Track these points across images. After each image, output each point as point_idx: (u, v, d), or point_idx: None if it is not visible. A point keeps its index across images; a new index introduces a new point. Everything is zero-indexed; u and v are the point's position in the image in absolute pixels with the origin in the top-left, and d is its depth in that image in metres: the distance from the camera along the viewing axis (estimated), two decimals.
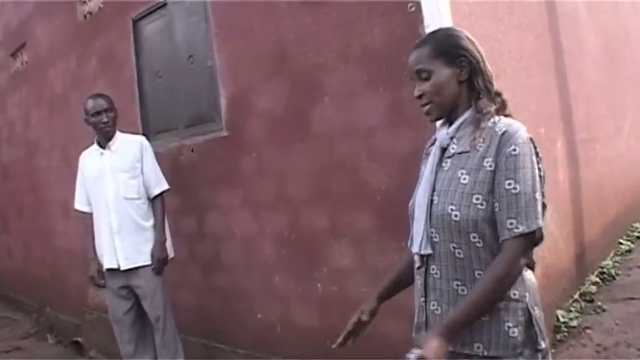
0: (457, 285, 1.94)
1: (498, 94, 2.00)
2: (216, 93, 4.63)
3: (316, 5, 3.87)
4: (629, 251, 6.46)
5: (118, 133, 4.51)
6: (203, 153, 4.83)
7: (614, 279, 5.52)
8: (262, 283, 4.45)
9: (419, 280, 2.06)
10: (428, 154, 2.14)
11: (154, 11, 5.24)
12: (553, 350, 4.03)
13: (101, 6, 5.93)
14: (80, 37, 6.31)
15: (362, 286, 3.75)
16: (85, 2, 6.24)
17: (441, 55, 1.97)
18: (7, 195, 8.73)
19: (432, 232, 1.97)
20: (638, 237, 7.02)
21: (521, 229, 1.81)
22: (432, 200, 1.98)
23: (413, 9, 3.35)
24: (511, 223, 1.82)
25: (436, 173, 2.01)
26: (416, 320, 2.10)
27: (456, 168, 1.95)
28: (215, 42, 4.60)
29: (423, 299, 2.05)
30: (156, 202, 4.54)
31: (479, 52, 2.00)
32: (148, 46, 5.41)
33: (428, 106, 2.01)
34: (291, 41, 4.05)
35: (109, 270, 4.45)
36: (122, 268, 4.40)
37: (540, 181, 1.89)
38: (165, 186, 4.57)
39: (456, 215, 1.89)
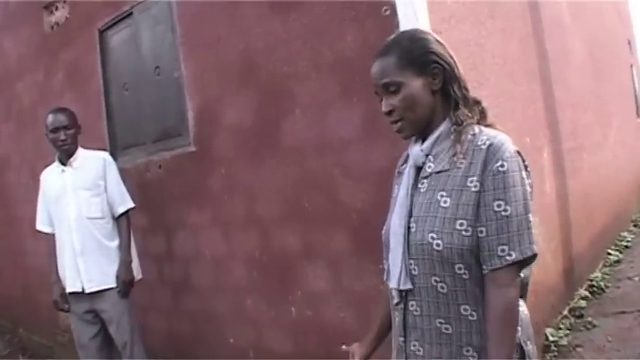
0: (440, 323, 1.70)
1: (477, 102, 1.77)
2: (184, 106, 4.41)
3: (285, 11, 3.66)
4: (618, 262, 6.31)
5: (80, 150, 4.27)
6: (171, 169, 4.60)
7: (604, 292, 5.37)
8: (234, 307, 4.22)
9: (397, 318, 1.82)
10: (401, 174, 1.91)
11: (119, 21, 5.01)
12: None
13: (67, 16, 5.70)
14: (47, 49, 6.08)
15: (338, 310, 3.54)
16: (52, 12, 6.00)
17: (409, 63, 1.73)
18: None
19: (411, 264, 1.73)
20: (626, 246, 6.89)
21: (514, 256, 1.59)
22: (409, 228, 1.74)
23: (388, 12, 3.12)
24: (502, 250, 1.59)
25: (412, 196, 1.77)
26: None
27: (434, 190, 1.71)
28: (182, 52, 4.38)
29: (402, 339, 1.81)
30: (121, 220, 4.28)
31: (451, 56, 1.77)
32: (114, 57, 5.18)
33: (400, 123, 1.77)
34: (260, 50, 3.83)
35: (72, 294, 4.22)
36: (86, 291, 4.16)
37: (531, 199, 1.67)
38: (131, 204, 4.32)
39: (437, 244, 1.65)
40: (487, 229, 1.61)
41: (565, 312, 4.64)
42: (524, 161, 1.69)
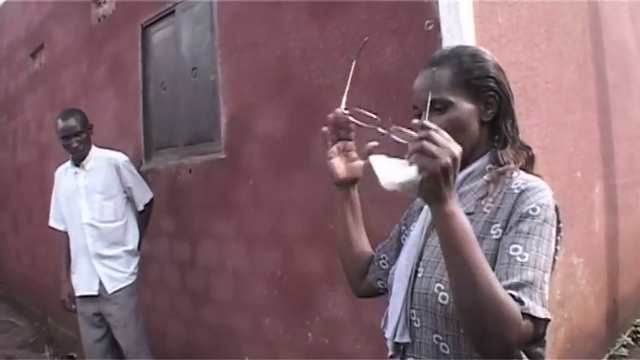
0: None
1: (527, 147, 1.51)
2: (217, 111, 4.26)
3: (325, 18, 3.46)
4: None
5: (93, 149, 4.20)
6: (200, 175, 4.45)
7: None
8: (251, 324, 4.05)
9: None
10: (421, 209, 1.63)
11: (162, 18, 4.90)
12: None
13: (114, 9, 5.63)
14: (92, 41, 6.04)
15: (355, 342, 3.33)
16: (99, 5, 5.95)
17: (465, 84, 1.47)
18: (19, 197, 8.55)
19: (413, 315, 1.47)
20: None
21: (526, 303, 1.26)
22: (416, 272, 1.48)
23: (431, 26, 2.88)
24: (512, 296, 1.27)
25: (426, 237, 1.52)
26: None
27: None
28: (219, 54, 4.23)
29: None
30: (143, 215, 4.32)
31: (509, 89, 1.51)
32: (155, 54, 5.07)
33: None
34: (296, 58, 3.64)
35: (81, 296, 4.14)
36: (96, 294, 4.09)
37: (552, 265, 1.37)
38: (150, 195, 4.31)
39: (443, 297, 1.37)
40: (497, 273, 1.30)
41: (605, 359, 4.33)
42: (559, 221, 1.40)
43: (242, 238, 4.09)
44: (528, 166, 1.51)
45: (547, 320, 1.32)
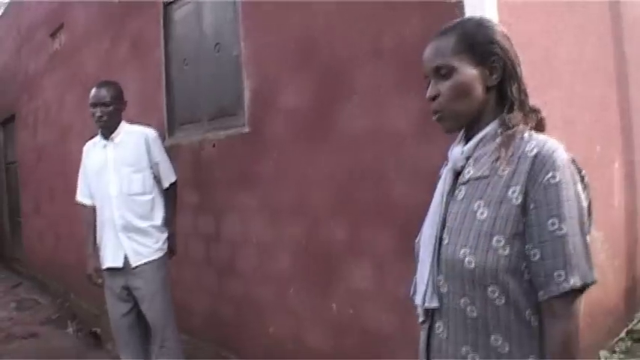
0: (467, 351, 1.51)
1: (535, 110, 1.57)
2: (241, 85, 4.31)
3: None
4: None
5: (123, 124, 4.23)
6: (224, 149, 4.51)
7: None
8: (276, 295, 4.11)
9: (421, 338, 1.65)
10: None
11: None
12: None
13: None
14: (114, 20, 6.09)
15: (379, 312, 3.38)
16: None
17: (468, 49, 1.53)
18: (41, 177, 8.65)
19: (440, 281, 1.55)
20: None
21: (573, 282, 1.37)
22: (440, 239, 1.56)
23: None
24: (559, 275, 1.38)
25: (447, 204, 1.58)
26: None
27: (471, 198, 1.51)
28: (242, 29, 4.27)
29: None
30: (169, 193, 4.31)
31: (515, 55, 1.56)
32: (177, 31, 5.12)
33: (442, 113, 1.56)
34: (320, 30, 3.67)
35: (108, 269, 4.20)
36: (124, 266, 4.15)
37: (588, 215, 1.46)
38: (174, 177, 4.32)
39: (469, 262, 1.45)
40: (542, 251, 1.40)
41: (622, 334, 4.36)
42: (579, 171, 1.47)
43: (266, 211, 4.15)
44: (539, 128, 1.56)
45: (594, 281, 1.42)
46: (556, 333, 1.41)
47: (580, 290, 1.41)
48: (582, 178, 1.47)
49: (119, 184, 4.16)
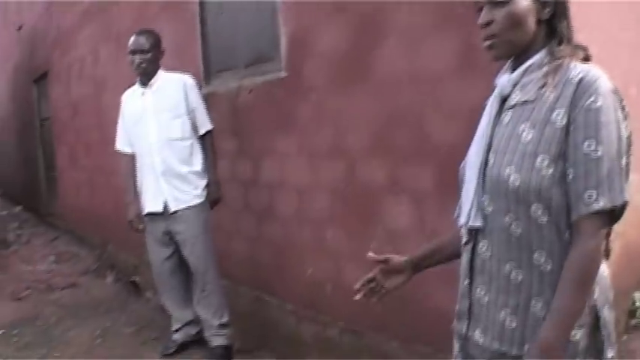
0: (510, 269, 1.57)
1: (582, 48, 1.61)
2: (277, 30, 4.32)
3: None
4: None
5: (160, 72, 4.32)
6: (261, 95, 4.54)
7: None
8: (314, 238, 4.17)
9: (464, 259, 1.71)
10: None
11: None
12: (626, 337, 3.62)
13: None
14: None
15: (418, 249, 3.41)
16: None
17: None
18: (76, 131, 8.75)
19: (484, 201, 1.61)
20: None
21: (602, 203, 1.43)
22: (486, 161, 1.61)
23: None
24: (590, 196, 1.44)
25: (493, 127, 1.64)
26: (458, 306, 1.76)
27: (517, 121, 1.57)
28: None
29: (467, 282, 1.70)
30: (205, 141, 4.40)
31: None
32: None
33: (494, 39, 1.61)
34: None
35: (150, 215, 4.30)
36: (170, 210, 4.24)
37: (627, 144, 1.50)
38: (210, 125, 4.41)
39: (514, 180, 1.51)
40: (575, 171, 1.46)
41: None
42: (621, 101, 1.52)
43: (304, 155, 4.19)
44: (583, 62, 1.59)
45: (625, 203, 1.47)
46: (576, 251, 1.47)
47: (609, 215, 1.47)
48: (623, 108, 1.52)
49: (158, 130, 4.24)
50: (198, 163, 4.34)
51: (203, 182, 4.33)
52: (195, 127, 4.35)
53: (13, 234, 9.60)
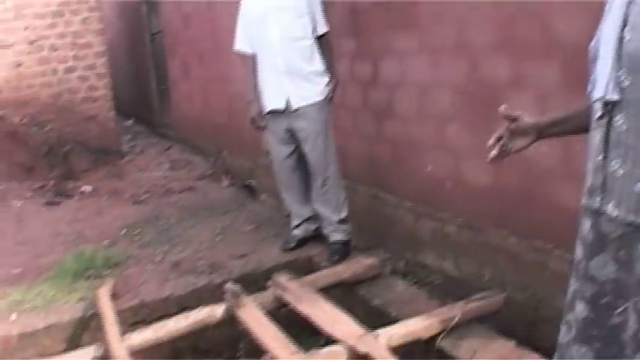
0: None
1: None
2: None
3: None
4: None
5: None
6: None
7: None
8: (435, 135, 4.23)
9: (598, 134, 1.71)
10: None
11: None
12: None
13: None
14: None
15: (540, 144, 3.40)
16: None
17: None
18: (188, 42, 8.90)
19: (621, 75, 1.61)
20: None
21: None
22: (621, 38, 1.62)
23: None
24: None
25: (629, 4, 1.62)
26: (589, 182, 1.77)
27: None
28: None
29: (602, 156, 1.70)
30: (324, 41, 4.47)
31: None
32: None
33: None
34: None
35: (271, 112, 4.43)
36: (285, 109, 4.36)
37: None
38: (327, 27, 4.47)
39: None
40: None
41: None
42: None
43: (425, 52, 4.20)
44: None
45: None
46: None
47: None
48: None
49: (280, 30, 4.32)
50: (318, 62, 4.42)
51: (324, 80, 4.43)
52: (314, 28, 4.42)
53: (126, 145, 9.92)
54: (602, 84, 1.67)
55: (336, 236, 4.56)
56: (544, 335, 3.27)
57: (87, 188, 7.70)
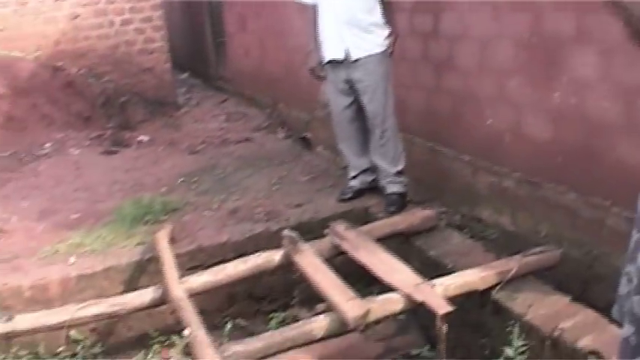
0: None
1: None
2: None
3: None
4: None
5: None
6: None
7: None
8: (495, 89, 4.20)
9: None
10: None
11: None
12: None
13: None
14: None
15: (603, 100, 3.39)
16: None
17: None
18: None
19: None
20: None
21: None
22: None
23: None
24: None
25: None
26: None
27: None
28: None
29: None
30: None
31: None
32: None
33: None
34: None
35: (330, 62, 4.46)
36: (345, 59, 4.39)
37: None
38: None
39: None
40: None
41: None
42: None
43: (487, 5, 4.16)
44: None
45: None
46: None
47: None
48: None
49: None
50: (378, 14, 4.42)
51: (384, 32, 4.43)
52: None
53: (182, 98, 9.99)
54: None
55: (393, 188, 4.60)
56: (598, 294, 3.29)
57: (144, 138, 7.83)
